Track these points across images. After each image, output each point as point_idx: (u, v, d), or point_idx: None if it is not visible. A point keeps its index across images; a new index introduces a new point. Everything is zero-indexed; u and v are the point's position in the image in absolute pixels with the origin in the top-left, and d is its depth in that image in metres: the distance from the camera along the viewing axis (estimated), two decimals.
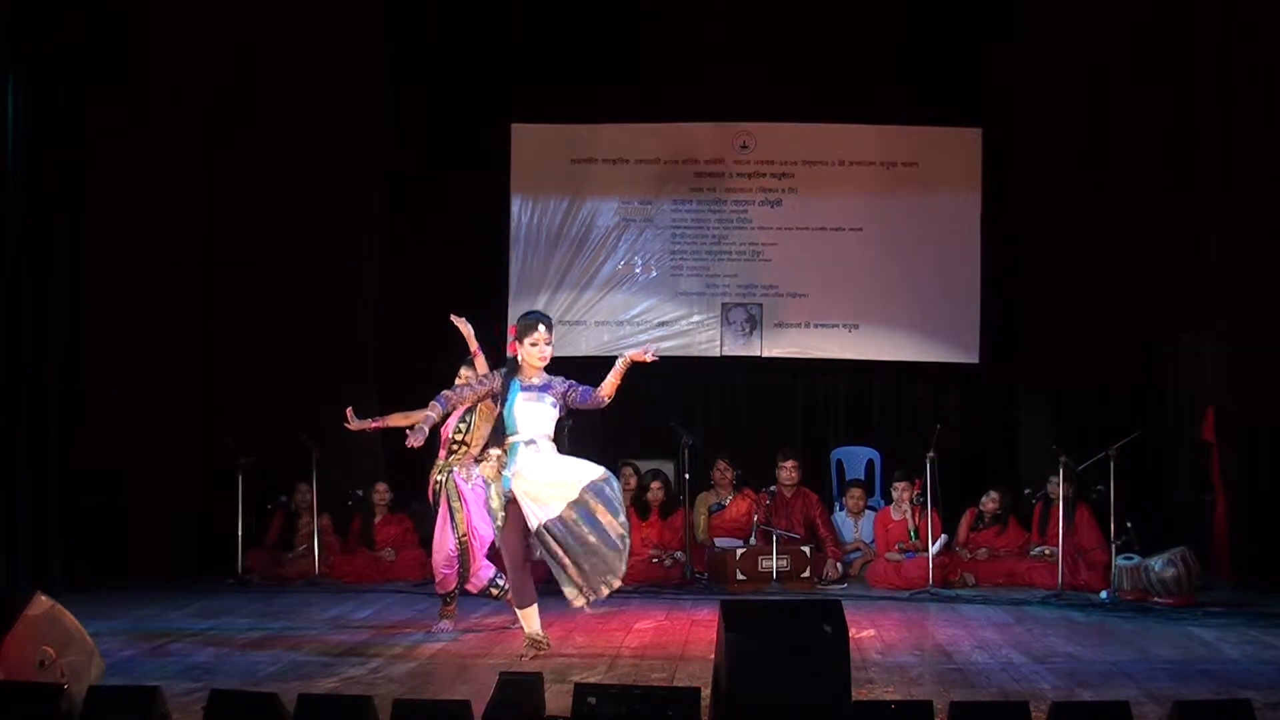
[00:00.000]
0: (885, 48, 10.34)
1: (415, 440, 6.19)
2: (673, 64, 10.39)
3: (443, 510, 7.05)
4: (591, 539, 6.13)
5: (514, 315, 10.35)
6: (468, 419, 7.03)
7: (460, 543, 7.00)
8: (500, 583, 6.97)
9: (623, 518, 6.21)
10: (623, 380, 6.29)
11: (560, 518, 6.14)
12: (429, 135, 10.55)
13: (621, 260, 10.65)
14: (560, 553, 6.13)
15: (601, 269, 10.63)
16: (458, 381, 7.08)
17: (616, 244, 10.64)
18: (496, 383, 6.35)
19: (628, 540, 6.21)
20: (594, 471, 6.25)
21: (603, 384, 6.28)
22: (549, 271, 10.62)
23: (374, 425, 6.47)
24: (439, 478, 7.08)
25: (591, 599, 6.20)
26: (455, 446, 7.06)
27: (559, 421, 6.37)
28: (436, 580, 7.17)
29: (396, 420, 7.08)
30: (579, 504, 6.16)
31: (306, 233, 10.03)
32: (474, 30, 10.43)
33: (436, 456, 7.14)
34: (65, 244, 8.55)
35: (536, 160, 10.65)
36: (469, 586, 7.11)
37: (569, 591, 6.19)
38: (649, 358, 6.36)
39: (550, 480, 6.20)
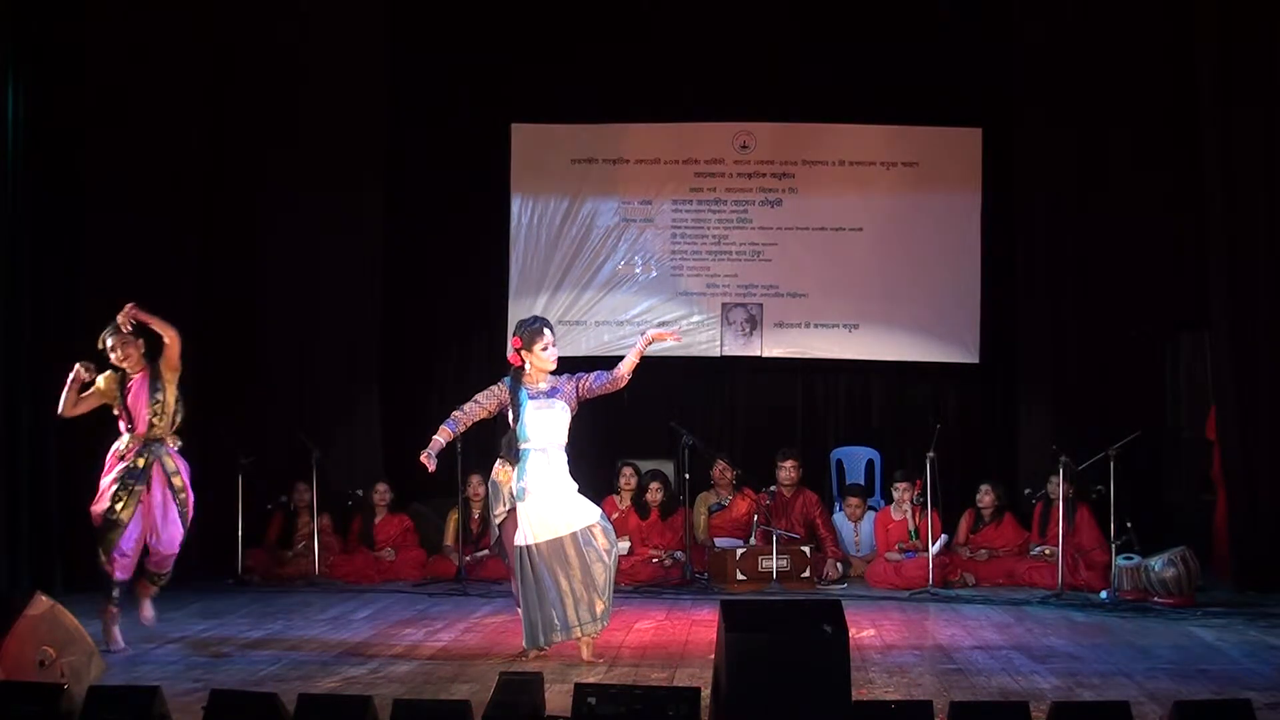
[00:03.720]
0: (885, 48, 10.34)
1: (431, 465, 6.19)
2: (673, 64, 10.39)
3: (161, 491, 6.68)
4: (562, 582, 6.14)
5: (514, 315, 10.38)
6: (159, 396, 6.67)
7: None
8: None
9: (605, 575, 6.15)
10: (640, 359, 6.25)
11: (543, 545, 6.15)
12: (429, 135, 10.55)
13: (621, 260, 10.63)
14: (531, 580, 6.13)
15: (601, 269, 10.62)
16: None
17: (616, 244, 10.63)
18: (505, 394, 6.31)
19: (602, 606, 6.15)
20: (592, 514, 6.25)
21: (621, 363, 6.25)
22: (549, 271, 10.60)
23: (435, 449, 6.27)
24: (147, 456, 6.67)
25: (530, 648, 6.18)
26: (156, 421, 6.69)
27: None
28: (154, 560, 6.72)
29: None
30: (569, 540, 6.15)
31: (306, 231, 10.02)
32: (474, 29, 10.42)
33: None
34: (65, 243, 8.53)
35: (536, 160, 10.63)
36: (121, 572, 6.71)
37: (524, 629, 6.20)
38: (672, 338, 6.47)
39: (553, 505, 6.21)
